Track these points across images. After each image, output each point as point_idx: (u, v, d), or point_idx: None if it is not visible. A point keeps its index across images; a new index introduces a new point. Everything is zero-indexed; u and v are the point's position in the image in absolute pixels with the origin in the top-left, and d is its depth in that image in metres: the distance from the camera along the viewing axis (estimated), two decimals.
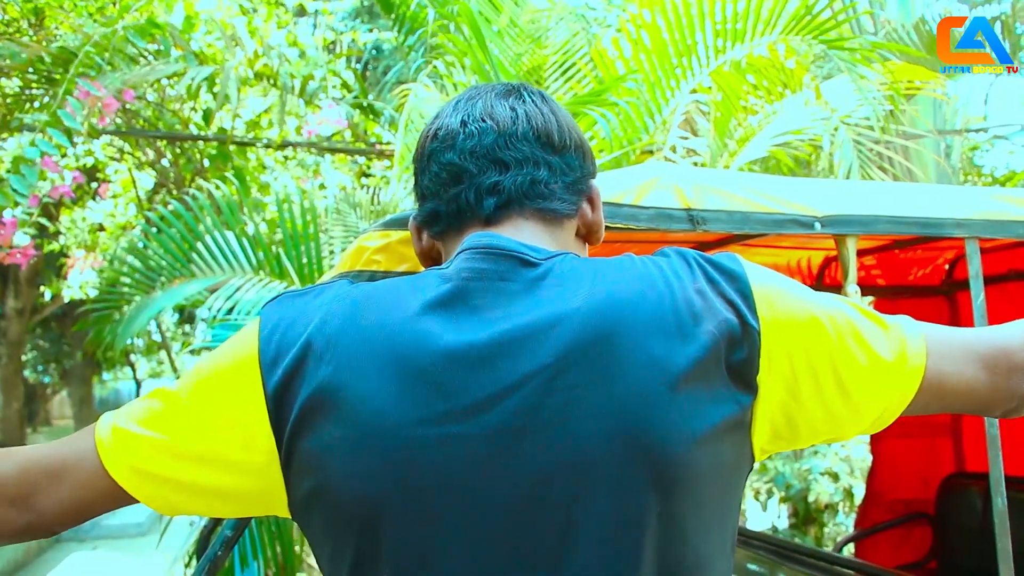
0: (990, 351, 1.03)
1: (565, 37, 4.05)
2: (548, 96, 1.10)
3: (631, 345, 0.86)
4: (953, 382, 1.01)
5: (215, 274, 3.46)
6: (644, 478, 0.85)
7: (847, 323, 0.95)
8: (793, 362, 0.92)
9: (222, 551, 1.52)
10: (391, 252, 1.57)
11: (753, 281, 0.93)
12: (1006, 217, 1.88)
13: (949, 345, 1.02)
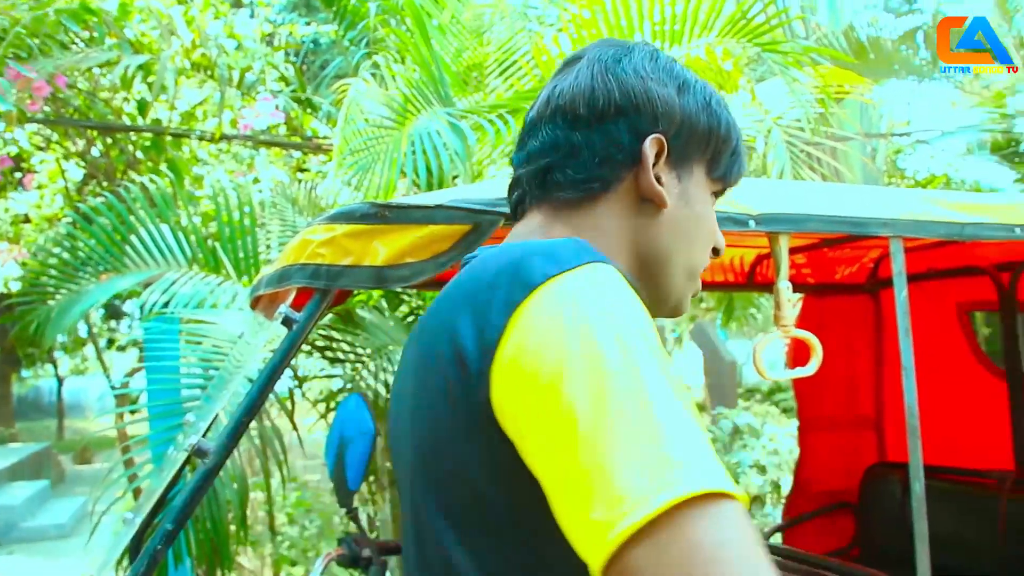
0: None
1: (507, 35, 4.08)
2: (615, 55, 1.02)
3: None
4: None
5: (149, 268, 3.41)
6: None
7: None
8: None
9: (162, 545, 1.51)
10: (336, 246, 1.58)
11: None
12: (928, 217, 1.97)
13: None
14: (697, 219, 1.03)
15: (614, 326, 0.74)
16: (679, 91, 1.01)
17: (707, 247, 1.07)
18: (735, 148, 1.06)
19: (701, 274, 1.10)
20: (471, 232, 1.50)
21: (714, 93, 1.05)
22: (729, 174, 1.06)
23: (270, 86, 4.93)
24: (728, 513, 0.65)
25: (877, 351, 3.86)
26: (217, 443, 1.53)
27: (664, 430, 0.67)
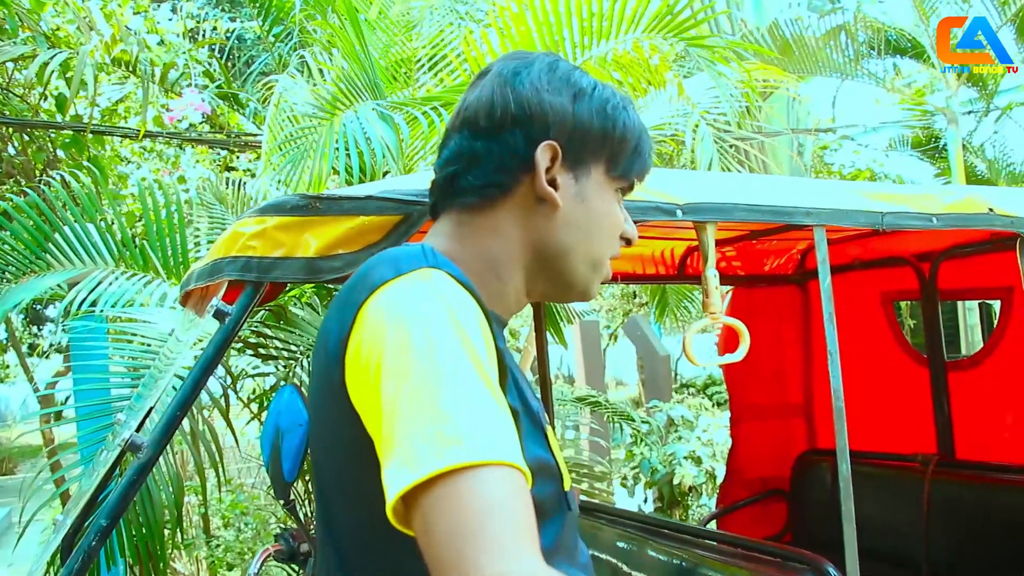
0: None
1: (436, 30, 4.07)
2: (515, 69, 1.11)
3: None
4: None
5: (74, 267, 3.31)
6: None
7: None
8: None
9: (96, 541, 1.48)
10: (267, 238, 1.56)
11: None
12: (850, 207, 2.03)
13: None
14: (595, 215, 1.12)
15: (424, 323, 0.87)
16: (573, 99, 1.09)
17: (611, 239, 1.16)
18: (635, 147, 1.14)
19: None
20: (402, 222, 1.49)
21: (611, 98, 1.12)
22: (631, 171, 1.15)
23: (195, 82, 4.83)
24: (487, 482, 0.77)
25: (806, 340, 3.95)
26: (151, 437, 1.51)
27: (446, 410, 0.80)
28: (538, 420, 1.05)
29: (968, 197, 2.33)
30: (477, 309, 0.94)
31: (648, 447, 5.68)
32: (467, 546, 0.74)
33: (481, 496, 0.76)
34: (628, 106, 1.16)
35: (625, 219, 1.19)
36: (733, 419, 3.97)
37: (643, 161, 1.17)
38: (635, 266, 3.36)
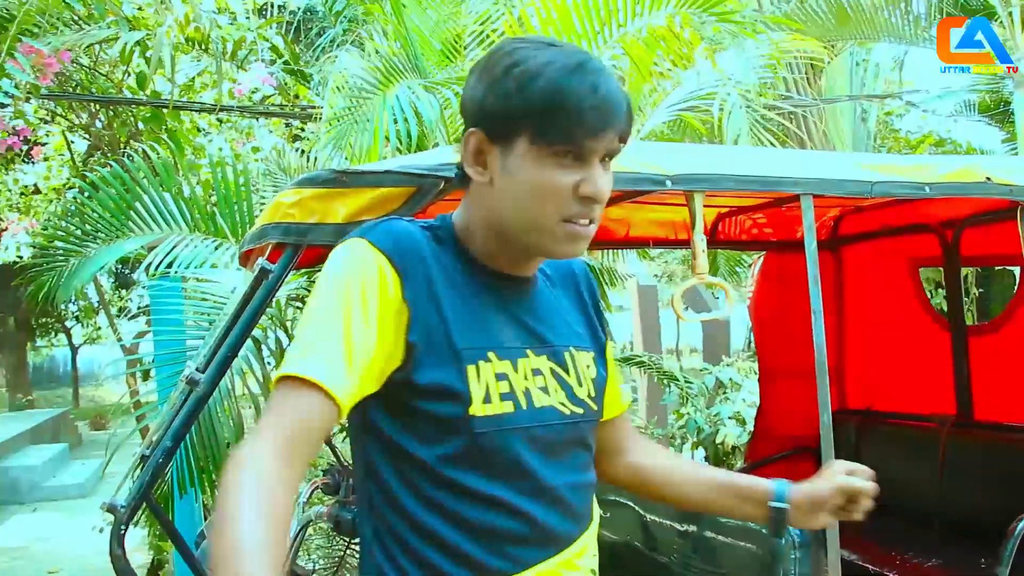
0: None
1: (484, 8, 4.27)
2: (472, 70, 1.32)
3: None
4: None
5: (153, 232, 3.64)
6: None
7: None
8: None
9: (162, 459, 1.78)
10: (302, 207, 1.83)
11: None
12: (838, 176, 2.20)
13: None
14: (523, 185, 1.25)
15: (324, 275, 1.24)
16: (489, 87, 1.26)
17: (550, 202, 1.25)
18: (560, 111, 1.21)
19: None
20: (416, 193, 1.74)
21: (536, 75, 1.22)
22: (562, 134, 1.22)
23: (262, 57, 5.14)
24: (284, 393, 1.16)
25: (838, 305, 4.08)
26: (206, 375, 1.79)
27: (301, 338, 1.21)
28: (451, 354, 1.25)
29: (966, 167, 2.46)
30: (374, 268, 1.23)
31: (695, 408, 5.87)
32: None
33: (273, 397, 1.17)
34: (551, 74, 1.22)
35: (583, 179, 1.24)
36: (762, 380, 4.13)
37: (575, 120, 1.22)
38: (667, 232, 3.55)
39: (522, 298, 1.38)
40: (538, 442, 1.31)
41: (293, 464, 1.15)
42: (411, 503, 1.26)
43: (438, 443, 1.25)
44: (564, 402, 1.35)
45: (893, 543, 3.18)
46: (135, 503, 1.83)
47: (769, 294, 4.05)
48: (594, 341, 1.48)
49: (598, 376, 1.44)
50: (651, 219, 3.39)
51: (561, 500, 1.33)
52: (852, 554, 3.05)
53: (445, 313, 1.26)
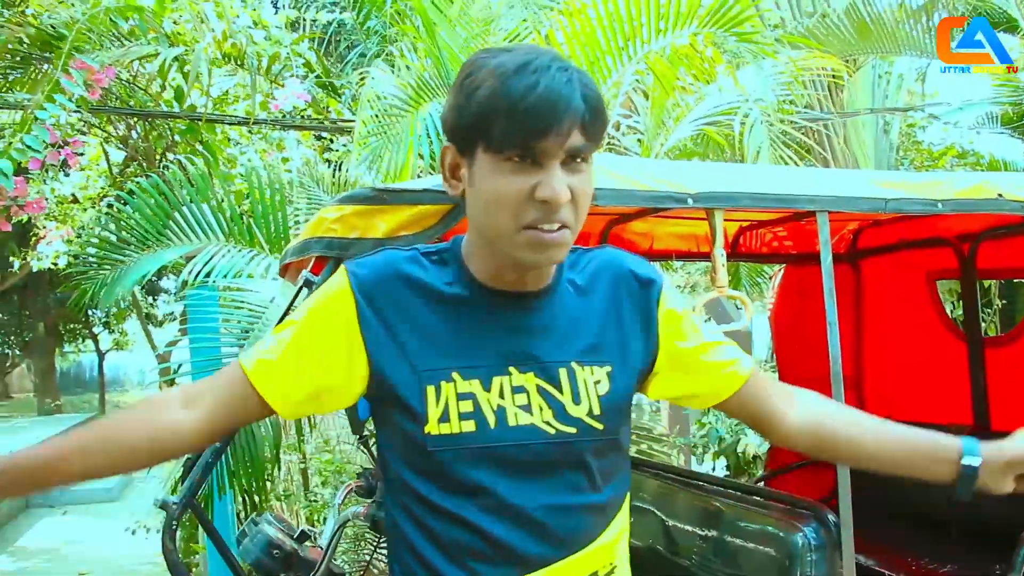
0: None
1: (513, 24, 4.39)
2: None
3: None
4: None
5: (191, 242, 3.79)
6: None
7: None
8: None
9: (212, 458, 1.90)
10: (345, 222, 1.94)
11: None
12: (852, 194, 2.29)
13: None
14: (483, 193, 1.25)
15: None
16: (452, 101, 1.28)
17: (509, 209, 1.23)
18: (501, 117, 1.20)
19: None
20: (453, 210, 1.85)
21: (481, 83, 1.22)
22: (506, 139, 1.21)
23: (295, 72, 5.30)
24: (228, 366, 1.40)
25: (857, 316, 4.15)
26: None
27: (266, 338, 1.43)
28: (412, 375, 1.32)
29: (979, 184, 2.55)
30: (342, 293, 1.35)
31: (717, 418, 5.95)
32: None
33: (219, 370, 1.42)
34: (491, 79, 1.22)
35: (539, 182, 1.22)
36: None
37: (514, 124, 1.20)
38: (690, 245, 3.64)
39: (522, 314, 1.37)
40: (507, 462, 1.32)
41: (191, 408, 1.35)
42: (395, 508, 1.38)
43: (406, 457, 1.34)
44: (550, 421, 1.34)
45: (908, 549, 3.25)
46: (186, 500, 1.95)
47: (788, 305, 4.13)
48: (621, 352, 1.41)
49: (610, 392, 1.38)
50: (674, 232, 3.49)
51: (532, 521, 1.32)
52: (868, 559, 3.13)
53: (409, 336, 1.32)
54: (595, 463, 1.37)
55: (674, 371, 1.47)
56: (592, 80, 1.28)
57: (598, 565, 1.39)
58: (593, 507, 1.38)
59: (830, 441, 1.53)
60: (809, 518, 2.39)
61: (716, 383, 1.50)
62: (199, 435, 1.37)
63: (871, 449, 1.51)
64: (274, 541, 2.14)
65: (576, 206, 1.26)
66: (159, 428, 1.35)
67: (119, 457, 1.35)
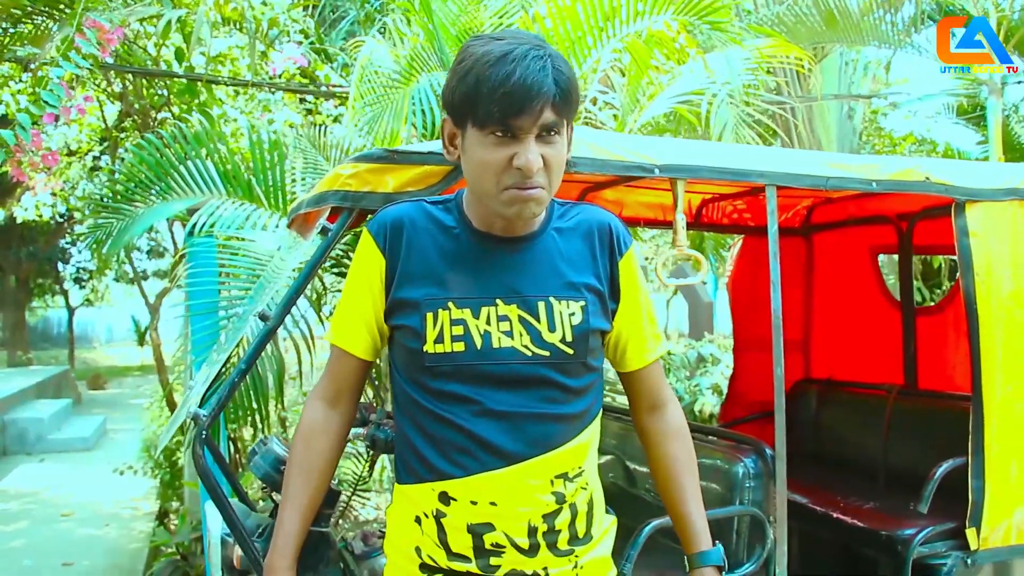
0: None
1: (502, 3, 4.65)
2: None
3: None
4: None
5: (194, 196, 4.03)
6: None
7: None
8: None
9: (238, 378, 2.21)
10: (359, 178, 2.25)
11: None
12: (798, 171, 2.63)
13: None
14: (472, 161, 1.56)
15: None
16: (448, 81, 1.57)
17: (492, 175, 1.53)
18: (481, 97, 1.48)
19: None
20: (453, 171, 2.16)
21: (470, 70, 1.50)
22: (487, 116, 1.49)
23: (292, 38, 5.54)
24: (331, 355, 1.80)
25: (807, 285, 4.53)
26: (275, 311, 2.22)
27: (336, 312, 1.78)
28: (416, 303, 1.65)
29: (909, 168, 2.90)
30: (367, 247, 1.71)
31: (677, 379, 6.34)
32: None
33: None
34: (477, 67, 1.48)
35: (516, 153, 1.50)
36: (736, 351, 4.59)
37: (495, 105, 1.47)
38: (656, 214, 3.98)
39: (510, 255, 1.65)
40: (491, 376, 1.61)
41: (337, 404, 1.79)
42: (400, 416, 1.75)
43: (408, 370, 1.69)
44: (528, 345, 1.62)
45: (839, 490, 3.64)
46: (215, 413, 2.25)
47: (745, 273, 4.50)
48: (592, 292, 1.67)
49: (582, 323, 1.64)
50: (642, 201, 3.82)
51: (511, 425, 1.61)
52: (802, 497, 3.52)
53: (416, 271, 1.67)
54: (567, 380, 1.64)
55: (622, 319, 1.75)
56: (566, 64, 1.54)
57: (567, 467, 1.66)
58: (564, 416, 1.65)
59: (651, 463, 1.87)
60: (749, 451, 2.75)
61: (634, 352, 1.79)
62: (355, 413, 1.84)
63: (661, 491, 1.88)
64: (281, 458, 2.43)
65: (549, 171, 1.55)
66: (336, 438, 1.80)
67: (331, 476, 1.84)
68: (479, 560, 1.63)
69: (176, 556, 5.21)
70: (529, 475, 1.62)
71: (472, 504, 1.61)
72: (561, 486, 1.65)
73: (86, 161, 7.86)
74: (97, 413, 12.61)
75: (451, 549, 1.64)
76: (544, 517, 1.63)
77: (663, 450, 1.82)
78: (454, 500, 1.62)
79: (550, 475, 1.63)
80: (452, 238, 1.68)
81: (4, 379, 12.47)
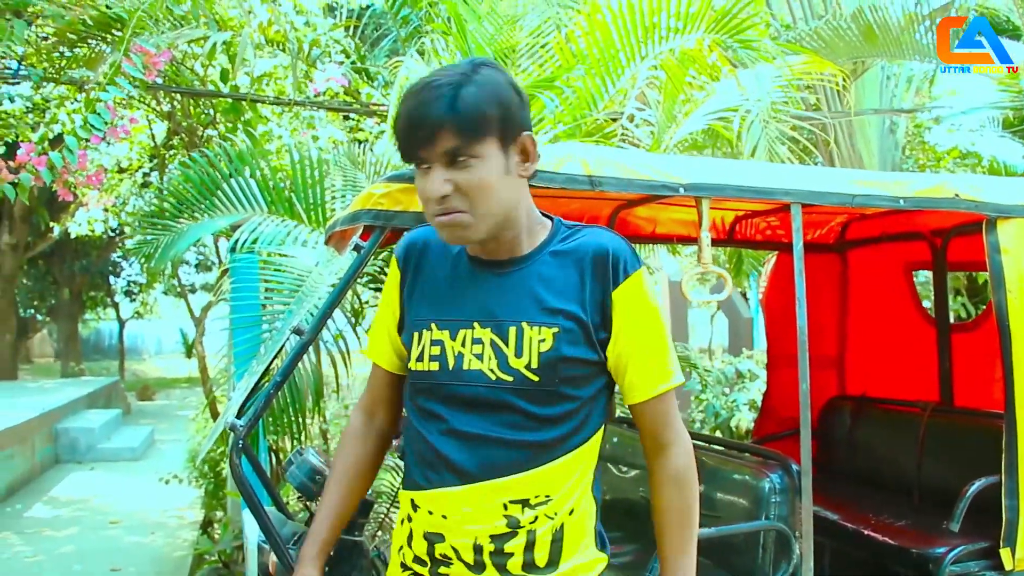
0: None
1: (538, 22, 4.74)
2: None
3: None
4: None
5: (236, 213, 4.16)
6: None
7: None
8: None
9: (273, 389, 2.29)
10: (391, 197, 2.33)
11: None
12: (824, 189, 2.66)
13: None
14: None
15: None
16: None
17: (424, 203, 1.62)
18: (398, 133, 1.58)
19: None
20: None
21: (403, 103, 1.57)
22: (402, 151, 1.60)
23: (334, 58, 5.68)
24: (370, 369, 1.92)
25: (842, 302, 4.52)
26: (310, 326, 2.31)
27: (371, 328, 1.91)
28: (408, 322, 1.75)
29: (939, 184, 2.91)
30: (391, 265, 1.81)
31: (714, 395, 6.34)
32: None
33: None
34: (404, 100, 1.56)
35: (422, 187, 1.59)
36: (770, 366, 4.59)
37: (400, 139, 1.58)
38: (690, 230, 4.01)
39: (495, 278, 1.66)
40: (458, 397, 1.64)
41: (374, 415, 1.89)
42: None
43: (408, 387, 1.78)
44: (494, 369, 1.62)
45: (871, 507, 3.63)
46: (251, 423, 2.34)
47: (778, 290, 4.50)
48: (571, 319, 1.62)
49: (550, 350, 1.60)
50: (675, 218, 3.86)
51: (472, 445, 1.63)
52: (833, 514, 3.52)
53: (416, 293, 1.76)
54: (530, 407, 1.62)
55: (616, 350, 1.65)
56: (488, 86, 1.54)
57: (526, 493, 1.63)
58: (527, 444, 1.62)
59: (651, 506, 1.74)
60: (776, 467, 2.77)
61: (630, 386, 1.68)
62: (395, 424, 1.90)
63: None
64: (316, 468, 2.52)
65: (467, 195, 1.55)
66: (371, 447, 1.89)
67: (367, 484, 1.92)
68: (432, 567, 1.70)
69: (218, 564, 5.33)
70: (481, 496, 1.63)
71: (429, 514, 1.69)
72: (517, 511, 1.63)
73: (136, 178, 8.11)
74: (145, 423, 12.87)
75: (415, 552, 1.73)
76: (492, 538, 1.64)
77: (657, 498, 1.71)
78: (418, 508, 1.71)
79: (503, 499, 1.63)
80: (452, 262, 1.73)
81: (57, 390, 12.78)
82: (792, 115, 4.28)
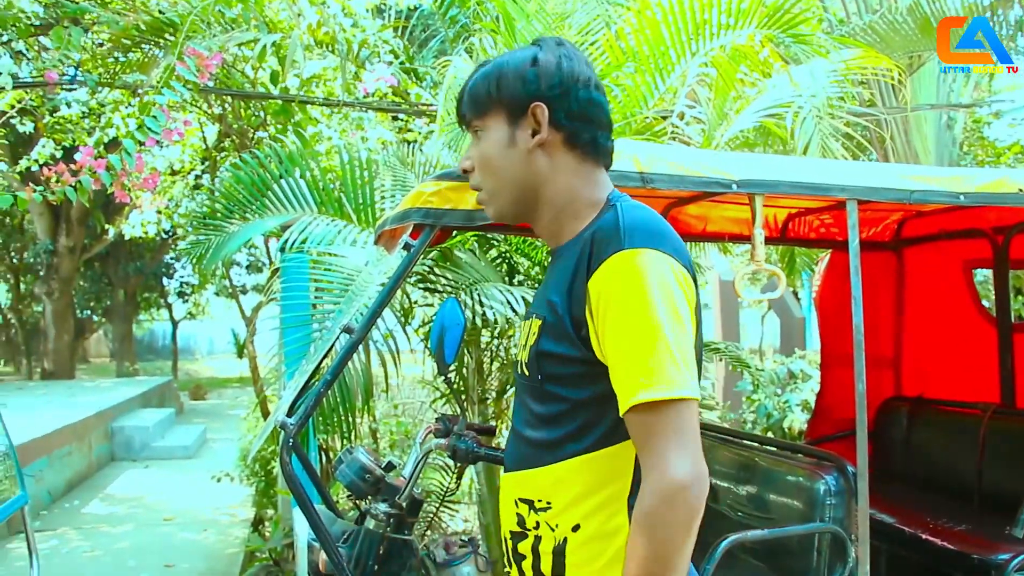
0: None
1: (586, 19, 4.70)
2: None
3: None
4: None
5: (287, 213, 4.19)
6: None
7: None
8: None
9: (324, 387, 2.30)
10: (441, 196, 2.32)
11: None
12: (880, 185, 2.59)
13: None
14: None
15: None
16: None
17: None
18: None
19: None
20: None
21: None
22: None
23: (383, 59, 5.71)
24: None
25: (898, 301, 4.42)
26: (360, 324, 2.31)
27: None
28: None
29: (1001, 179, 2.82)
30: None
31: (766, 395, 6.25)
32: None
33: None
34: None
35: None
36: (824, 366, 4.50)
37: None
38: (742, 228, 3.96)
39: (551, 268, 1.65)
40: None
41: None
42: None
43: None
44: (518, 360, 1.67)
45: (929, 511, 3.55)
46: (301, 422, 2.35)
47: (832, 289, 4.42)
48: (554, 312, 1.51)
49: (536, 344, 1.54)
50: (727, 216, 3.80)
51: (511, 436, 1.70)
52: (890, 517, 3.44)
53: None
54: (532, 404, 1.59)
55: (604, 352, 1.44)
56: (499, 62, 1.60)
57: (532, 494, 1.57)
58: (532, 441, 1.59)
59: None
60: (831, 468, 2.71)
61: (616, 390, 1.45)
62: None
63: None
64: (366, 467, 2.53)
65: (480, 170, 1.63)
66: None
67: None
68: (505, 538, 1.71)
69: (269, 561, 5.38)
70: (507, 487, 1.67)
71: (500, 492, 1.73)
72: (524, 511, 1.59)
73: (189, 180, 8.23)
74: (198, 422, 13.09)
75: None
76: (512, 534, 1.65)
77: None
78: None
79: (516, 495, 1.62)
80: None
81: (112, 389, 13.05)
82: (846, 111, 4.20)
